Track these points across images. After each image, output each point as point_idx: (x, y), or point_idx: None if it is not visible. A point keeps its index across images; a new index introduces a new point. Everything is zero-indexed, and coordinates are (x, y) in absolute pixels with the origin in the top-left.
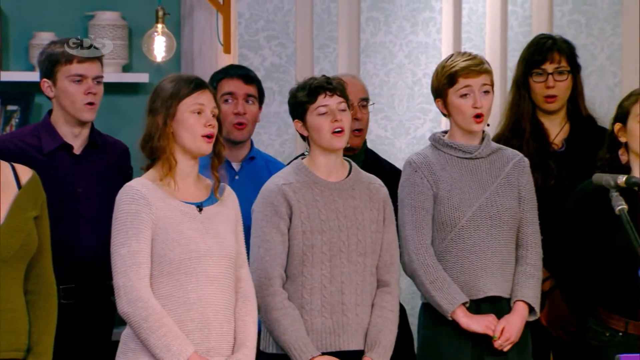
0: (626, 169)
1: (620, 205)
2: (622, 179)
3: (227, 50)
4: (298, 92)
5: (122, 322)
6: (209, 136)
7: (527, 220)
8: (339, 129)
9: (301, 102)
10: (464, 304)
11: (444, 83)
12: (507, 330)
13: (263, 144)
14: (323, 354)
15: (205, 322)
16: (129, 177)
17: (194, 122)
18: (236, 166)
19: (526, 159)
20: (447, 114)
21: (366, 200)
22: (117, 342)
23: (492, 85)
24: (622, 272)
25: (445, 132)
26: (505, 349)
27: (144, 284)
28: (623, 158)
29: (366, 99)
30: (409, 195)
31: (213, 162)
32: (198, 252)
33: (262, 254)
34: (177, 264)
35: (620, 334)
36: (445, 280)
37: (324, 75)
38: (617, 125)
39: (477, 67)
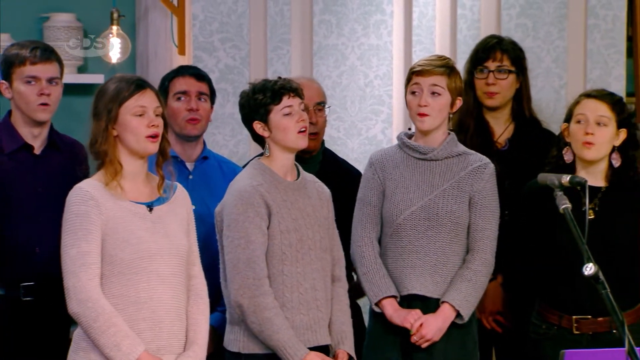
0: (571, 167)
1: (564, 204)
2: (566, 178)
3: (181, 51)
4: (256, 94)
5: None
6: (153, 136)
7: (477, 225)
8: (304, 129)
9: (264, 103)
10: (393, 297)
11: (405, 82)
12: (424, 328)
13: (217, 144)
14: None
15: (157, 320)
16: (86, 177)
17: (137, 124)
18: (190, 166)
19: (491, 165)
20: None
21: (317, 199)
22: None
23: (448, 89)
24: (563, 269)
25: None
26: (423, 346)
27: (94, 285)
28: (567, 157)
29: (322, 103)
30: (361, 189)
31: (158, 160)
32: (149, 251)
33: (249, 255)
34: (127, 263)
35: (555, 327)
36: (377, 273)
37: (280, 77)
38: (564, 125)
39: (430, 67)
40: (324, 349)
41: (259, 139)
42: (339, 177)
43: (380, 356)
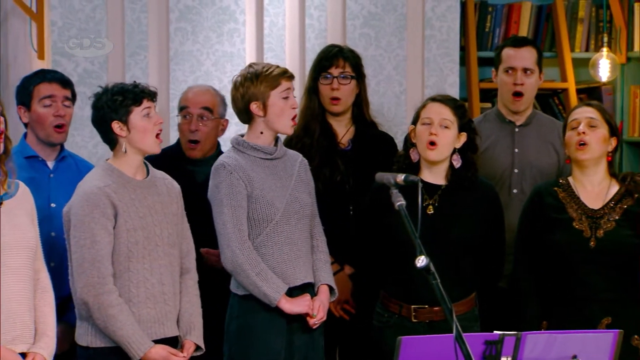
0: (417, 167)
1: (399, 201)
2: (400, 177)
3: (41, 56)
4: (116, 95)
5: None
6: None
7: (314, 213)
8: (159, 131)
9: (125, 104)
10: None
11: (267, 86)
12: (320, 310)
13: (77, 145)
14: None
15: (10, 312)
16: None
17: None
18: (50, 165)
19: (305, 159)
20: (262, 115)
21: (166, 195)
22: None
23: None
24: (401, 261)
25: (243, 135)
26: (315, 327)
27: None
28: (413, 157)
29: (208, 109)
30: (228, 195)
31: (0, 157)
32: None
33: (94, 255)
34: None
35: (396, 316)
36: (268, 272)
37: (135, 82)
38: (411, 127)
39: (290, 73)
40: (174, 340)
41: (110, 141)
42: None
43: (269, 344)
